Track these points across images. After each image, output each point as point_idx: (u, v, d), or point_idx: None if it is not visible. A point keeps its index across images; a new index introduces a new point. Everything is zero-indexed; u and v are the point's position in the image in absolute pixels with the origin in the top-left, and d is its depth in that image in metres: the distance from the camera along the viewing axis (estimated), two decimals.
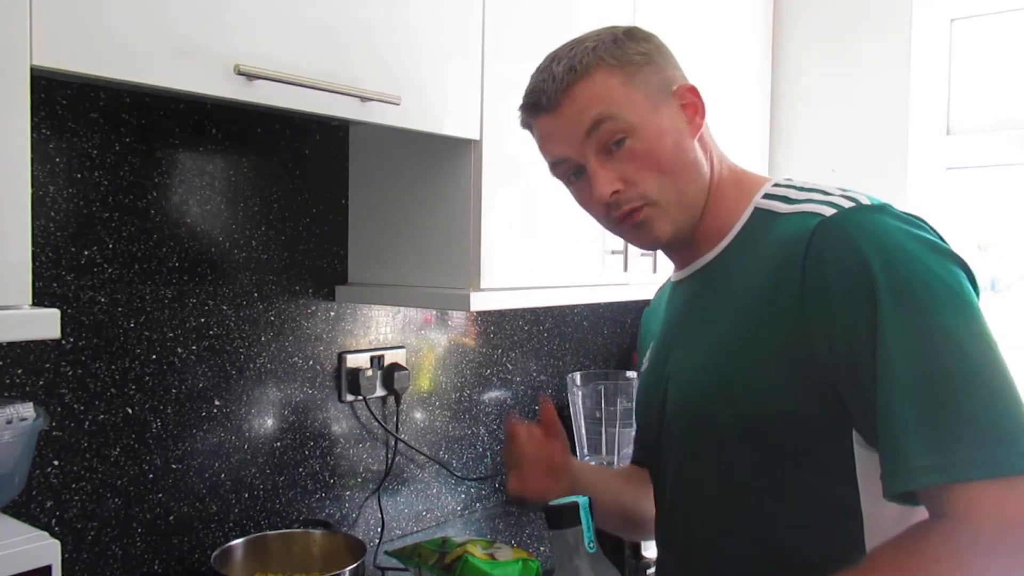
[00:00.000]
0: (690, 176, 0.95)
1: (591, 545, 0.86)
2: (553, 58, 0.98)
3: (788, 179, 0.98)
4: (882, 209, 0.86)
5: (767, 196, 0.95)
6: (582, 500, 0.86)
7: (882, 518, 0.85)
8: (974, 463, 0.74)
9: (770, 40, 2.32)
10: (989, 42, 2.12)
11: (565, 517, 0.85)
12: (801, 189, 0.94)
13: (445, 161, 1.48)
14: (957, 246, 0.90)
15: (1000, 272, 2.19)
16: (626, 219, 0.95)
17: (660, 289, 1.19)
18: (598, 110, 0.93)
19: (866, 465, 0.85)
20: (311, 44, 1.16)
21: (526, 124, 1.04)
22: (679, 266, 1.04)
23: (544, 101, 0.96)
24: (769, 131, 2.30)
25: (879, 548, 0.81)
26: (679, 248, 1.01)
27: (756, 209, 0.95)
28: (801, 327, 0.84)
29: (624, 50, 0.95)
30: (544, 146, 1.00)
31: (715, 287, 0.97)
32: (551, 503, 0.87)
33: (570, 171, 0.98)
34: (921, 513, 0.81)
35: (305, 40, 1.15)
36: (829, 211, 0.86)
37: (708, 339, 0.96)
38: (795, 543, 0.89)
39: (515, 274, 1.53)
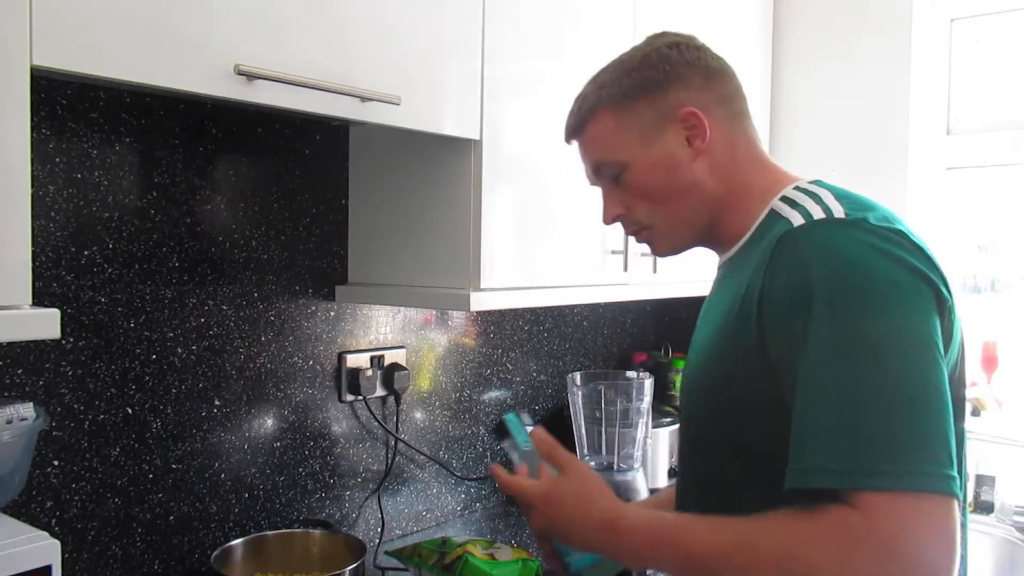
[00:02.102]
0: (684, 199, 1.02)
1: (525, 444, 1.04)
2: (585, 87, 1.09)
3: (815, 181, 1.00)
4: (852, 223, 0.86)
5: (782, 198, 0.98)
6: (507, 416, 1.07)
7: None
8: (883, 474, 0.76)
9: (770, 40, 2.32)
10: (989, 42, 2.12)
11: (500, 430, 1.07)
12: (808, 194, 0.95)
13: (445, 161, 1.48)
14: (956, 247, 0.90)
15: (1000, 272, 2.19)
16: (633, 236, 1.09)
17: None
18: (596, 156, 1.06)
19: None
20: (311, 44, 1.16)
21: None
22: (719, 256, 1.09)
23: (567, 133, 1.12)
24: (769, 131, 2.30)
25: (779, 515, 0.82)
26: (709, 246, 1.08)
27: (771, 210, 0.99)
28: (760, 334, 0.88)
29: (631, 83, 1.03)
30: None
31: (725, 282, 1.02)
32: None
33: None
34: None
35: (305, 40, 1.15)
36: (799, 221, 0.89)
37: (704, 336, 1.03)
38: None
39: (515, 274, 1.53)
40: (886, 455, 0.76)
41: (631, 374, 1.97)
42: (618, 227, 1.57)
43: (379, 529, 1.76)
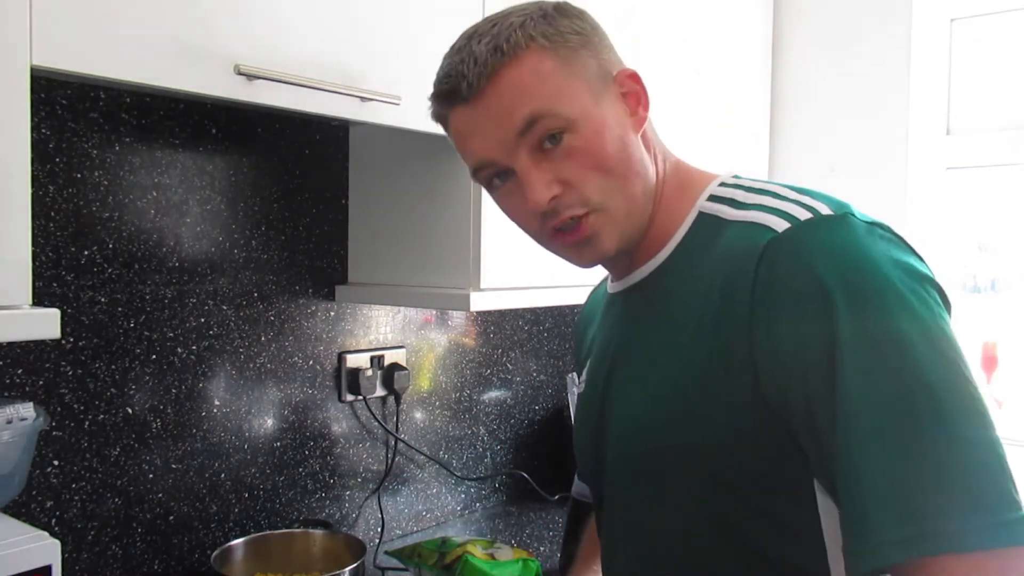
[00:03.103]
0: (637, 178, 0.82)
1: None
2: (472, 35, 0.82)
3: (736, 176, 0.86)
4: (842, 220, 0.72)
5: (712, 198, 0.83)
6: None
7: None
8: (947, 535, 0.62)
9: (770, 40, 2.32)
10: (989, 42, 2.12)
11: None
12: (750, 190, 0.80)
13: (445, 161, 1.48)
14: (956, 247, 0.88)
15: (1000, 272, 2.19)
16: (567, 233, 0.83)
17: (594, 292, 1.06)
18: (531, 106, 0.78)
19: (833, 526, 0.72)
20: (311, 44, 1.16)
21: (438, 117, 0.87)
22: (616, 276, 0.92)
23: (464, 88, 0.79)
24: (769, 131, 2.30)
25: None
26: (618, 257, 0.87)
27: (700, 214, 0.83)
28: (751, 361, 0.72)
29: (557, 28, 0.80)
30: (463, 145, 0.85)
31: (657, 304, 0.84)
32: None
33: (493, 174, 0.84)
34: None
35: (305, 40, 1.15)
36: (782, 224, 0.73)
37: (650, 367, 0.83)
38: None
39: (515, 274, 1.52)
40: (961, 508, 0.62)
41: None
42: None
43: (379, 529, 1.76)
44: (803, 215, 0.73)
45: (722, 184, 0.84)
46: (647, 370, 0.83)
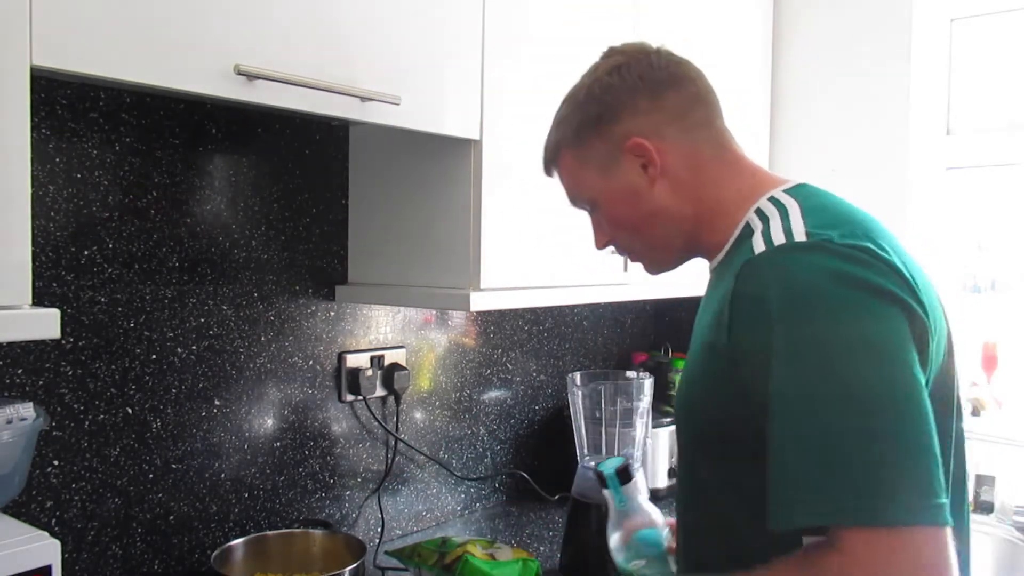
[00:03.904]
0: (654, 224, 1.02)
1: (621, 505, 1.08)
2: (552, 121, 1.09)
3: (795, 187, 0.97)
4: (811, 247, 0.82)
5: (756, 210, 0.95)
6: (607, 471, 1.08)
7: None
8: (844, 510, 0.73)
9: (770, 40, 2.32)
10: (989, 42, 2.12)
11: (600, 479, 1.09)
12: (777, 205, 0.92)
13: (445, 161, 1.48)
14: (956, 247, 0.89)
15: (1000, 272, 2.19)
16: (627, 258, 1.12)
17: None
18: (568, 192, 1.10)
19: None
20: (311, 44, 1.16)
21: None
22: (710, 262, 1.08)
23: (544, 170, 1.13)
24: (769, 131, 2.30)
25: (781, 562, 0.81)
26: (699, 256, 1.06)
27: (745, 223, 0.96)
28: (731, 360, 0.86)
29: (579, 121, 1.03)
30: None
31: (711, 293, 1.00)
32: (599, 466, 1.09)
33: None
34: None
35: (305, 40, 1.15)
36: (760, 248, 0.86)
37: (692, 347, 1.01)
38: (755, 553, 0.86)
39: (515, 274, 1.52)
40: (864, 488, 0.73)
41: (631, 374, 1.97)
42: None
43: (379, 529, 1.76)
44: (779, 240, 0.86)
45: (770, 197, 0.95)
46: (692, 347, 1.01)
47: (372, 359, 1.72)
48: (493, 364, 2.01)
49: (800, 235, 0.85)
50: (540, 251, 1.59)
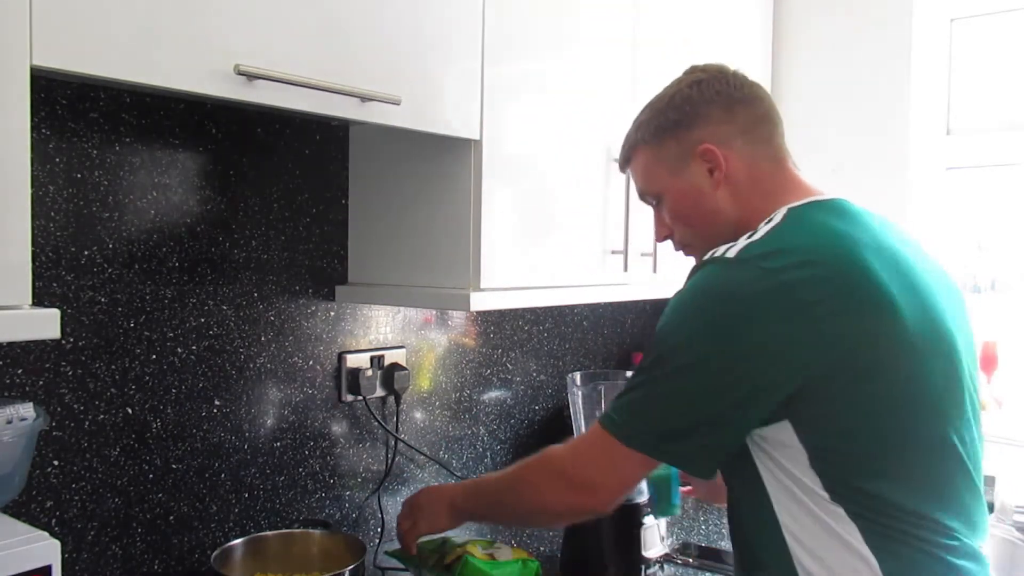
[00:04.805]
0: (709, 222, 1.16)
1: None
2: (633, 122, 1.25)
3: (810, 202, 1.09)
4: (719, 262, 1.01)
5: (768, 220, 1.08)
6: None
7: (802, 526, 0.99)
8: (607, 418, 1.07)
9: (770, 40, 2.32)
10: (989, 42, 2.12)
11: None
12: (768, 222, 1.06)
13: (445, 161, 1.48)
14: (956, 247, 0.92)
15: (1000, 272, 2.19)
16: (681, 252, 1.26)
17: None
18: (639, 187, 1.25)
19: (772, 477, 1.01)
20: (311, 44, 1.16)
21: None
22: None
23: (620, 166, 1.29)
24: None
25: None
26: None
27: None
28: None
29: (658, 124, 1.19)
30: None
31: None
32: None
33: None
34: (833, 513, 0.97)
35: (305, 40, 1.15)
36: (705, 258, 1.05)
37: None
38: (753, 545, 1.09)
39: (515, 274, 1.53)
40: (622, 410, 1.06)
41: (631, 374, 1.97)
42: (618, 227, 1.73)
43: (379, 529, 1.76)
44: (717, 254, 1.03)
45: (769, 219, 1.07)
46: None
47: (372, 359, 1.72)
48: (493, 364, 2.02)
49: (732, 252, 1.01)
50: (540, 251, 1.59)
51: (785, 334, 0.95)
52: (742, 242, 1.02)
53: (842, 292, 0.96)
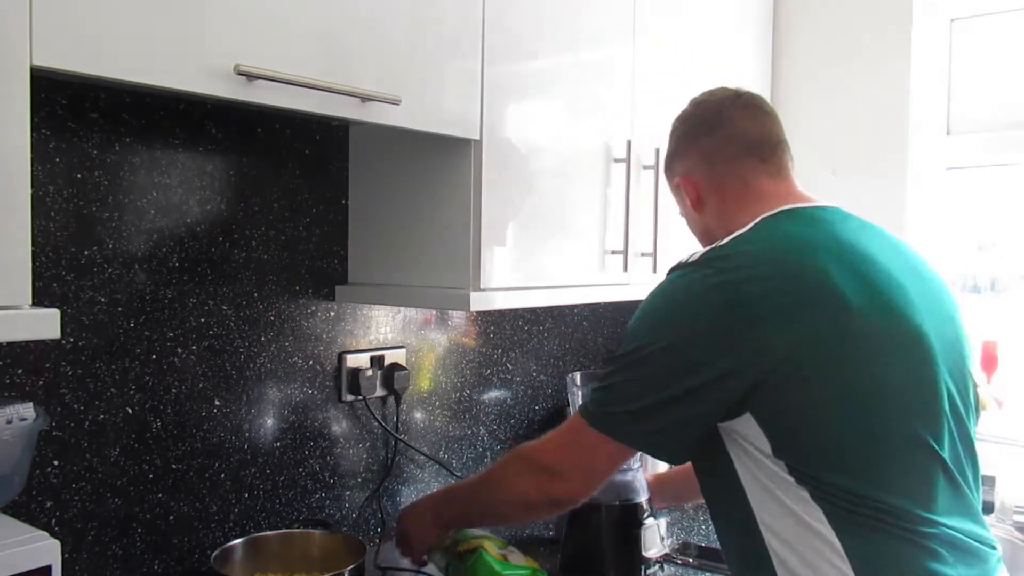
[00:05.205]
0: (707, 237, 1.28)
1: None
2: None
3: (777, 211, 1.16)
4: (685, 270, 1.10)
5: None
6: None
7: (770, 512, 1.05)
8: (585, 408, 1.16)
9: (770, 40, 2.32)
10: (989, 42, 2.12)
11: None
12: (737, 232, 1.13)
13: (445, 161, 1.48)
14: (956, 247, 0.93)
15: (1000, 272, 2.19)
16: None
17: None
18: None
19: (743, 467, 1.07)
20: (311, 44, 1.16)
21: None
22: None
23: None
24: None
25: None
26: None
27: None
28: None
29: (664, 157, 1.38)
30: None
31: None
32: None
33: None
34: (810, 514, 1.02)
35: (305, 40, 1.15)
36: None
37: None
38: (728, 547, 1.18)
39: (515, 274, 1.53)
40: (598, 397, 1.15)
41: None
42: (618, 227, 1.75)
43: (379, 529, 1.76)
44: (683, 259, 1.12)
45: (763, 216, 1.16)
46: None
47: (372, 359, 1.72)
48: (493, 364, 2.02)
49: (694, 258, 1.10)
50: (540, 251, 1.59)
51: (728, 327, 1.02)
52: (706, 249, 1.11)
53: (787, 291, 1.02)
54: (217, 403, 1.48)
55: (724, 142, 1.25)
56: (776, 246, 1.09)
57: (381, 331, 1.76)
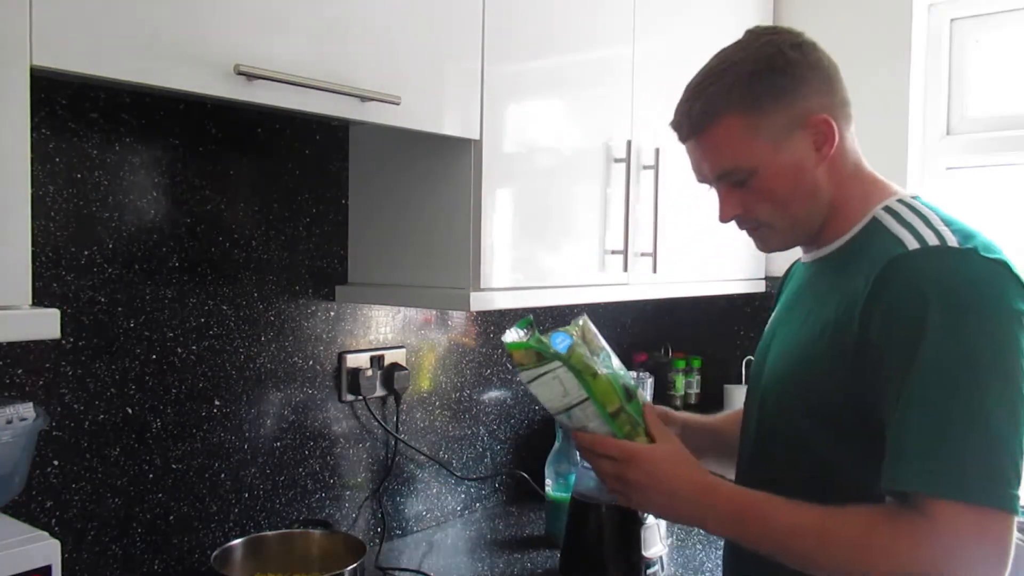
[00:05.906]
0: (804, 202, 1.05)
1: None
2: (699, 83, 1.06)
3: (914, 197, 1.05)
4: (958, 252, 0.92)
5: (886, 208, 1.03)
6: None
7: None
8: (956, 485, 0.87)
9: None
10: (989, 42, 2.12)
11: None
12: (912, 210, 1.00)
13: (445, 161, 1.48)
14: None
15: None
16: (747, 231, 1.12)
17: (794, 263, 1.28)
18: (723, 166, 1.05)
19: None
20: (311, 44, 1.16)
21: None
22: (806, 251, 1.14)
23: (682, 133, 1.09)
24: None
25: (856, 507, 0.93)
26: (808, 243, 1.12)
27: (873, 219, 1.03)
28: (856, 345, 0.96)
29: (759, 88, 1.02)
30: (690, 162, 1.12)
31: (825, 278, 1.07)
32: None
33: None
34: None
35: (305, 40, 1.15)
36: (912, 244, 0.94)
37: (802, 326, 1.08)
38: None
39: (515, 274, 1.53)
40: (968, 468, 0.87)
41: (631, 374, 1.97)
42: (618, 227, 1.69)
43: (379, 529, 1.76)
44: (933, 241, 0.93)
45: (899, 200, 1.03)
46: (801, 328, 1.08)
47: (372, 359, 1.72)
48: (493, 364, 2.01)
49: (952, 241, 0.93)
50: (540, 251, 1.59)
51: None
52: (930, 232, 0.95)
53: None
54: (217, 403, 1.48)
55: (848, 96, 1.11)
56: (984, 239, 0.98)
57: (381, 331, 1.76)
